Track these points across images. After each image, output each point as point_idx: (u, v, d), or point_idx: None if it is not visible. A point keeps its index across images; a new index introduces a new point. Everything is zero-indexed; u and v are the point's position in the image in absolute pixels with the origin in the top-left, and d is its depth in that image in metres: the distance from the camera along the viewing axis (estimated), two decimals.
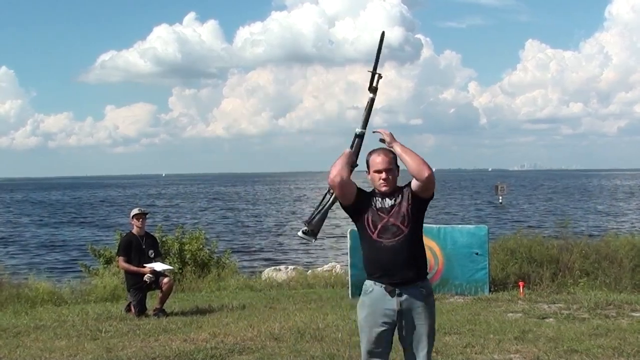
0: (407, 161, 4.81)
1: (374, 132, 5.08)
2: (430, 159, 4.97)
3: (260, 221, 49.59)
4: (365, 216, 4.91)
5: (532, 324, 9.23)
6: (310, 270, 17.81)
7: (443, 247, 12.47)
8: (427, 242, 12.50)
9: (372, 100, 5.27)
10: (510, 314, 10.14)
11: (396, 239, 4.84)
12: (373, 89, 5.27)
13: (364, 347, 4.99)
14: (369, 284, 4.96)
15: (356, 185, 4.97)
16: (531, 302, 11.20)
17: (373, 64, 5.27)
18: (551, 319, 9.67)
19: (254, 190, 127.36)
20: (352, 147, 5.12)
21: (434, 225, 13.17)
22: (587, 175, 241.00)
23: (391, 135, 4.96)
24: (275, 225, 45.88)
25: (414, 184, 4.86)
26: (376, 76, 5.25)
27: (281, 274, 17.03)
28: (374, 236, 4.87)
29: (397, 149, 4.88)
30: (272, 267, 18.47)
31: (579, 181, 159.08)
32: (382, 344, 4.93)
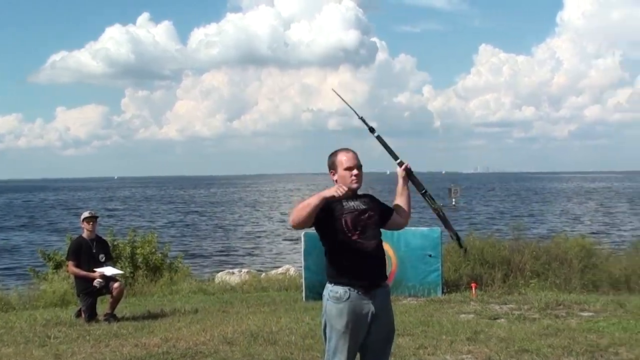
0: (406, 206, 5.15)
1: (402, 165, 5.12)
2: (384, 163, 5.03)
3: (214, 224, 49.35)
4: (341, 219, 4.81)
5: (484, 324, 9.29)
6: (263, 274, 17.76)
7: (397, 249, 12.50)
8: None
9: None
10: (463, 315, 10.20)
11: (374, 241, 4.89)
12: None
13: (342, 355, 4.80)
14: (342, 290, 4.79)
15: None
16: (483, 303, 11.29)
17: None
18: (502, 320, 9.75)
19: (207, 193, 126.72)
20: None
21: None
22: (539, 178, 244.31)
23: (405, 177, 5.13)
24: (228, 228, 45.69)
25: (390, 222, 5.12)
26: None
27: (234, 277, 16.95)
28: (354, 237, 4.81)
29: (406, 191, 5.15)
30: (226, 271, 18.39)
31: (531, 184, 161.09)
32: (356, 350, 4.87)
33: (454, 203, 58.58)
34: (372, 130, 5.18)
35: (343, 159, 4.93)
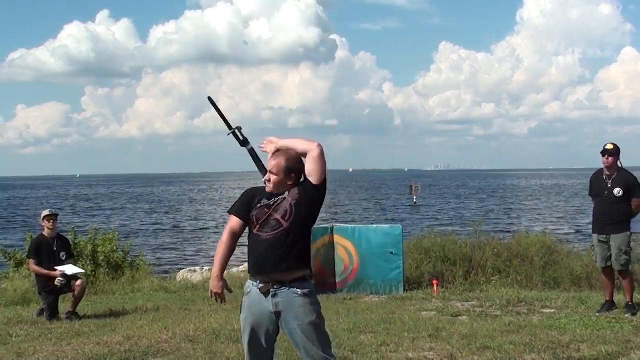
0: (295, 145, 4.84)
1: (261, 147, 5.08)
2: (346, 160, 5.03)
3: (175, 222, 49.00)
4: (252, 214, 4.86)
5: (445, 322, 9.32)
6: (225, 271, 17.67)
7: (358, 246, 12.52)
8: (342, 241, 12.59)
9: (252, 150, 5.33)
10: (425, 313, 10.24)
11: (274, 232, 4.73)
12: (244, 142, 5.35)
13: (245, 349, 4.90)
14: (247, 283, 4.95)
15: (241, 212, 4.94)
16: (445, 301, 11.34)
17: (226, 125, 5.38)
18: (464, 317, 9.80)
19: (168, 191, 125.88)
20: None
21: (349, 225, 13.21)
22: (499, 176, 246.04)
23: (271, 141, 4.98)
24: (190, 226, 45.41)
25: (307, 167, 4.81)
26: (236, 131, 5.35)
27: (196, 275, 16.85)
28: (255, 229, 4.82)
29: (281, 142, 4.91)
30: (187, 268, 18.27)
31: (491, 181, 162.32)
32: (262, 346, 4.84)
33: (415, 200, 58.96)
34: (243, 143, 5.30)
35: (268, 162, 4.93)
